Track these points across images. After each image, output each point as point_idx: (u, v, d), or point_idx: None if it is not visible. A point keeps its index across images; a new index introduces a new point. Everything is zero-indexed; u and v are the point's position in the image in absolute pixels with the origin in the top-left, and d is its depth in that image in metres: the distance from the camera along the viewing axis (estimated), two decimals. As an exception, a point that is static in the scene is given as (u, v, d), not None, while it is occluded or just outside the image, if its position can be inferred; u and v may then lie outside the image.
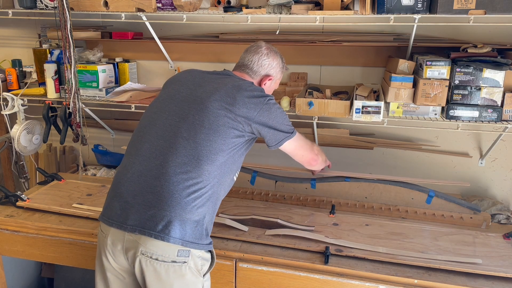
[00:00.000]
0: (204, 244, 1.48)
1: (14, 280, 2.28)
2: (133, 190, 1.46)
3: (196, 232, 1.45)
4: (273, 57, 1.73)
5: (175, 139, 1.48)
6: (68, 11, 2.12)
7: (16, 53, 2.80)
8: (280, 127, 1.59)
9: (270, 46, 1.76)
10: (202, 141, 1.47)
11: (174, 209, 1.41)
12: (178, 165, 1.44)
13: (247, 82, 1.62)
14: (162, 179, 1.43)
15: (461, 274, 1.59)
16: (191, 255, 1.44)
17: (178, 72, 1.73)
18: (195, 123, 1.49)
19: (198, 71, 1.71)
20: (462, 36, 2.15)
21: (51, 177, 2.34)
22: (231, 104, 1.51)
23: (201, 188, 1.45)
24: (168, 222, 1.40)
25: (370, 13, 1.90)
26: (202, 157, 1.46)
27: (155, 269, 1.42)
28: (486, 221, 1.97)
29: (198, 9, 2.14)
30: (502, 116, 1.89)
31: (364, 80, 2.35)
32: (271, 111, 1.57)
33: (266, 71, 1.72)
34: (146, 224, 1.41)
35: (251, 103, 1.53)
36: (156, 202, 1.42)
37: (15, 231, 1.95)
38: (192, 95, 1.56)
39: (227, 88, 1.56)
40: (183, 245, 1.42)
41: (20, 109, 2.43)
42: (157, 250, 1.41)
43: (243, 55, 1.74)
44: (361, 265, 1.65)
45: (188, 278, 1.45)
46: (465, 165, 2.34)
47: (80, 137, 2.35)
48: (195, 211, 1.44)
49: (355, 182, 2.11)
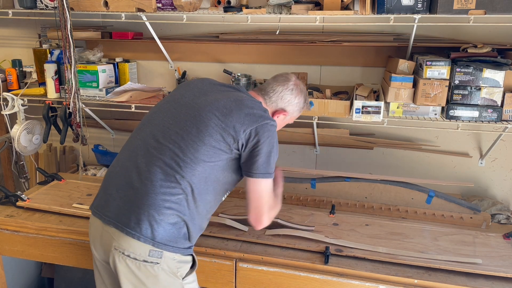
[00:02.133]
0: (180, 248, 1.46)
1: (14, 280, 2.28)
2: (118, 183, 1.50)
3: (170, 234, 1.43)
4: (296, 94, 1.65)
5: (164, 141, 1.48)
6: (68, 11, 2.12)
7: (16, 53, 2.80)
8: (261, 158, 1.47)
9: (300, 82, 1.68)
10: (187, 147, 1.45)
11: (148, 208, 1.41)
12: (160, 167, 1.44)
13: (253, 100, 1.57)
14: (144, 177, 1.45)
15: (461, 274, 1.59)
16: (164, 257, 1.43)
17: (193, 79, 1.71)
18: (185, 128, 1.48)
19: (211, 81, 1.68)
20: (462, 36, 2.15)
21: (51, 177, 2.34)
22: (225, 115, 1.47)
23: (178, 194, 1.43)
24: (141, 220, 1.41)
25: (370, 13, 1.90)
26: (183, 163, 1.44)
27: (128, 266, 1.43)
28: (486, 221, 1.97)
29: (198, 9, 2.14)
30: (502, 116, 1.89)
31: (364, 80, 2.35)
32: (264, 135, 1.48)
33: (284, 105, 1.65)
34: (121, 218, 1.44)
35: (246, 119, 1.47)
36: (134, 198, 1.44)
37: (15, 231, 1.95)
38: (193, 102, 1.55)
39: (228, 100, 1.52)
40: (154, 245, 1.41)
41: (20, 109, 2.43)
42: (129, 247, 1.42)
43: (269, 81, 1.68)
44: (361, 265, 1.65)
45: (162, 278, 1.45)
46: (465, 165, 2.34)
47: (80, 137, 2.35)
48: (169, 214, 1.42)
49: (355, 182, 2.11)
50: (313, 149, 2.51)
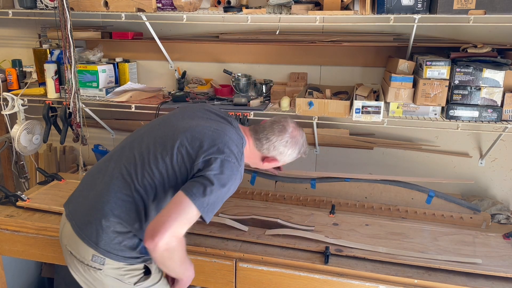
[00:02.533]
0: (126, 257, 1.44)
1: (14, 280, 2.28)
2: (88, 182, 1.54)
3: (115, 243, 1.42)
4: (290, 147, 1.60)
5: (135, 151, 1.50)
6: (68, 11, 2.13)
7: (16, 53, 2.80)
8: (208, 187, 1.35)
9: (296, 133, 1.61)
10: (149, 162, 1.45)
11: (98, 212, 1.43)
12: (122, 174, 1.46)
13: (233, 136, 1.50)
14: (105, 181, 1.47)
15: (461, 274, 1.59)
16: (107, 264, 1.43)
17: (196, 103, 1.71)
18: (155, 144, 1.48)
19: (209, 108, 1.66)
20: (462, 36, 2.15)
21: (51, 177, 2.34)
22: (194, 141, 1.45)
23: (130, 204, 1.43)
24: (90, 223, 1.43)
25: (370, 13, 1.90)
26: (141, 176, 1.44)
27: (76, 266, 1.48)
28: (486, 221, 1.97)
29: (198, 9, 2.14)
30: (502, 116, 1.89)
31: (364, 80, 2.35)
32: (223, 170, 1.39)
33: (275, 155, 1.62)
34: (77, 216, 1.48)
35: (213, 149, 1.42)
36: (91, 199, 1.47)
37: (15, 231, 1.95)
38: (176, 122, 1.55)
39: (208, 128, 1.49)
40: (97, 250, 1.42)
41: (20, 109, 2.43)
42: (76, 248, 1.45)
43: (265, 126, 1.62)
44: (361, 265, 1.65)
45: (109, 283, 1.45)
46: (465, 165, 2.34)
47: (80, 137, 2.35)
48: (116, 223, 1.41)
49: (355, 182, 2.11)
50: (313, 149, 2.51)
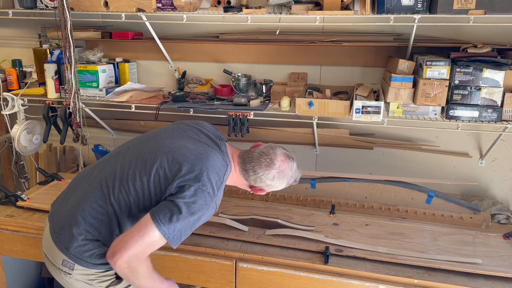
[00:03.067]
0: (95, 264, 1.44)
1: (14, 280, 2.28)
2: (73, 186, 1.56)
3: (84, 250, 1.42)
4: (278, 179, 1.56)
5: (119, 163, 1.50)
6: (68, 11, 2.12)
7: (16, 53, 2.79)
8: (176, 214, 1.33)
9: (284, 167, 1.56)
10: (128, 177, 1.45)
11: (72, 218, 1.44)
12: (101, 184, 1.47)
13: (216, 165, 1.47)
14: (85, 188, 1.48)
15: (461, 274, 1.59)
16: (76, 269, 1.43)
17: (192, 121, 1.69)
18: (137, 160, 1.48)
19: (202, 128, 1.63)
20: (462, 36, 2.15)
21: (51, 177, 2.34)
22: (173, 164, 1.43)
23: (103, 216, 1.44)
24: (63, 228, 1.45)
25: (370, 13, 1.90)
26: (118, 190, 1.44)
27: (50, 267, 1.50)
28: (486, 221, 1.97)
29: (198, 9, 2.14)
30: (502, 116, 1.88)
31: (364, 80, 2.35)
32: (196, 198, 1.37)
33: (262, 186, 1.59)
34: (55, 217, 1.50)
35: (190, 175, 1.40)
36: (70, 204, 1.49)
37: (15, 231, 1.95)
38: (163, 139, 1.54)
39: (191, 151, 1.47)
40: (67, 255, 1.43)
41: (20, 109, 2.43)
42: (50, 250, 1.47)
43: (253, 157, 1.56)
44: (361, 265, 1.65)
45: (79, 286, 1.47)
46: (465, 165, 2.33)
47: (80, 137, 2.35)
48: (87, 232, 1.42)
49: (355, 182, 2.11)
50: (313, 149, 2.51)
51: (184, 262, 1.76)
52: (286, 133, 2.47)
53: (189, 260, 1.75)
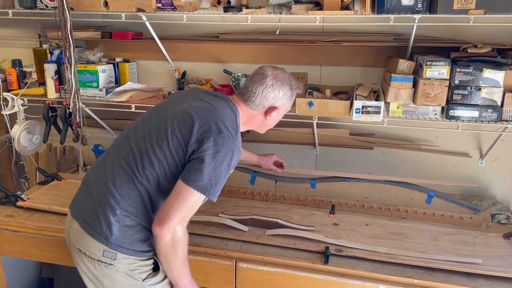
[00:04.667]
0: (137, 251, 1.45)
1: (14, 280, 2.28)
2: (89, 180, 1.54)
3: (125, 236, 1.43)
4: (279, 87, 1.57)
5: (132, 144, 1.51)
6: (68, 11, 2.12)
7: (16, 53, 2.79)
8: (205, 169, 1.37)
9: (277, 73, 1.59)
10: (147, 151, 1.46)
11: (105, 208, 1.44)
12: (123, 168, 1.47)
13: (225, 112, 1.50)
14: (107, 177, 1.48)
15: (461, 274, 1.59)
16: (118, 259, 1.43)
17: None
18: (150, 133, 1.49)
19: (197, 90, 1.66)
20: (462, 36, 2.15)
21: (51, 177, 2.34)
22: (186, 121, 1.46)
23: (135, 197, 1.44)
24: (98, 219, 1.44)
25: (370, 13, 1.90)
26: (142, 167, 1.45)
27: (85, 264, 1.47)
28: (486, 221, 1.97)
29: (198, 9, 2.14)
30: (502, 116, 1.89)
31: (364, 80, 2.35)
32: (216, 148, 1.40)
33: (271, 104, 1.59)
34: (83, 214, 1.48)
35: (204, 128, 1.43)
36: (96, 196, 1.47)
37: (15, 231, 1.95)
38: (166, 109, 1.56)
39: (197, 107, 1.49)
40: (107, 246, 1.42)
41: (20, 109, 2.43)
42: (85, 245, 1.45)
43: (247, 83, 1.61)
44: (361, 265, 1.65)
45: (119, 280, 1.46)
46: (465, 165, 2.33)
47: (80, 137, 2.35)
48: (124, 216, 1.43)
49: (355, 182, 2.11)
50: (313, 149, 2.51)
51: (184, 262, 1.76)
52: (286, 133, 2.47)
53: (189, 260, 1.73)
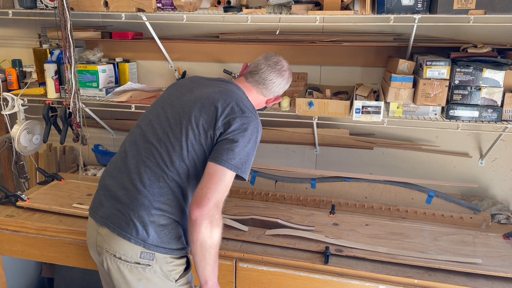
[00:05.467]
0: (173, 249, 1.44)
1: (14, 280, 2.28)
2: (111, 184, 1.50)
3: (162, 235, 1.42)
4: (288, 80, 1.71)
5: (152, 141, 1.48)
6: (68, 11, 2.12)
7: (16, 53, 2.79)
8: (237, 148, 1.40)
9: (288, 66, 1.71)
10: (173, 146, 1.44)
11: (138, 209, 1.41)
12: (149, 167, 1.44)
13: (240, 93, 1.56)
14: (133, 179, 1.45)
15: (461, 274, 1.59)
16: (156, 259, 1.42)
17: (183, 79, 1.72)
18: (171, 126, 1.48)
19: (200, 77, 1.68)
20: (462, 36, 2.15)
21: (51, 177, 2.34)
22: (207, 107, 1.47)
23: (167, 194, 1.43)
24: (132, 222, 1.41)
25: (370, 13, 1.90)
26: (170, 162, 1.43)
27: (119, 269, 1.43)
28: (486, 221, 1.97)
29: (198, 9, 2.14)
30: (502, 116, 1.89)
31: (364, 80, 2.35)
32: (243, 127, 1.43)
33: (278, 92, 1.71)
34: (113, 219, 1.44)
35: (227, 109, 1.45)
36: (125, 199, 1.44)
37: (15, 231, 1.95)
38: (179, 99, 1.55)
39: (213, 92, 1.52)
40: (145, 247, 1.41)
41: (20, 109, 2.43)
42: (120, 249, 1.42)
43: (262, 68, 1.66)
44: (361, 265, 1.65)
45: (155, 281, 1.44)
46: (465, 165, 2.33)
47: (80, 137, 2.35)
48: (159, 215, 1.42)
49: (355, 182, 2.11)
50: (313, 149, 2.51)
51: (184, 262, 1.76)
52: (286, 133, 2.47)
53: (189, 260, 1.75)
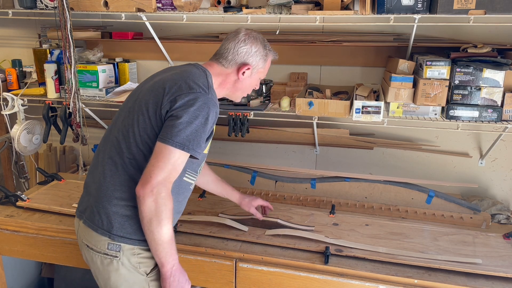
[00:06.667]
0: (139, 240, 1.43)
1: (14, 280, 2.28)
2: (88, 181, 1.55)
3: (126, 226, 1.42)
4: (251, 43, 1.55)
5: (114, 132, 1.49)
6: (68, 11, 2.13)
7: (16, 53, 2.79)
8: (181, 125, 1.34)
9: (251, 32, 1.58)
10: (128, 133, 1.43)
11: (101, 200, 1.44)
12: (110, 157, 1.45)
13: (196, 72, 1.48)
14: (99, 170, 1.48)
15: (461, 274, 1.59)
16: (123, 250, 1.43)
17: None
18: (128, 115, 1.46)
19: (171, 67, 1.66)
20: (462, 36, 2.15)
21: (51, 177, 2.34)
22: (158, 90, 1.42)
23: (127, 182, 1.41)
24: (98, 213, 1.45)
25: (370, 13, 1.90)
26: (127, 149, 1.42)
27: (92, 259, 1.47)
28: (486, 221, 1.97)
29: (198, 9, 2.14)
30: (502, 116, 1.88)
31: (364, 80, 2.35)
32: (188, 102, 1.36)
33: (243, 59, 1.55)
34: (86, 211, 1.49)
35: (175, 88, 1.40)
36: (93, 191, 1.48)
37: (15, 231, 1.95)
38: (140, 88, 1.54)
39: (169, 75, 1.47)
40: (110, 238, 1.42)
41: (20, 109, 2.43)
42: (91, 239, 1.46)
43: (222, 43, 1.60)
44: (361, 265, 1.65)
45: (124, 273, 1.44)
46: (465, 165, 2.33)
47: (80, 137, 2.35)
48: (122, 206, 1.42)
49: (355, 182, 2.11)
50: (313, 149, 2.51)
51: (184, 262, 1.76)
52: (286, 133, 2.47)
53: (189, 260, 1.75)
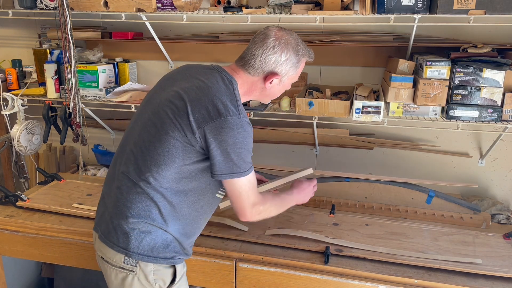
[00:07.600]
0: (158, 258, 1.39)
1: (14, 280, 2.28)
2: (105, 191, 1.51)
3: (144, 243, 1.37)
4: (282, 50, 1.40)
5: (131, 145, 1.41)
6: (68, 11, 2.13)
7: (16, 53, 2.79)
8: (219, 157, 1.31)
9: (282, 34, 1.42)
10: (148, 149, 1.35)
11: (117, 217, 1.39)
12: (128, 173, 1.38)
13: (221, 87, 1.37)
14: (115, 185, 1.42)
15: (461, 274, 1.59)
16: (140, 266, 1.38)
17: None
18: (146, 128, 1.39)
19: (191, 66, 1.53)
20: (462, 36, 2.15)
21: (51, 177, 2.34)
22: (180, 109, 1.33)
23: (145, 201, 1.36)
24: (113, 229, 1.39)
25: (370, 13, 1.90)
26: (145, 167, 1.35)
27: (107, 272, 1.44)
28: (486, 221, 1.97)
29: (198, 9, 2.14)
30: (502, 116, 1.89)
31: (364, 80, 2.35)
32: (218, 133, 1.29)
33: (271, 68, 1.41)
34: (101, 226, 1.46)
35: (201, 113, 1.31)
36: (109, 206, 1.44)
37: (15, 231, 1.95)
38: (156, 96, 1.45)
39: (190, 89, 1.36)
40: (127, 255, 1.37)
41: (20, 109, 2.43)
42: (107, 253, 1.42)
43: (249, 45, 1.46)
44: (361, 265, 1.65)
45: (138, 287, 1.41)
46: (465, 165, 2.33)
47: (80, 137, 2.35)
48: (139, 223, 1.36)
49: (355, 182, 2.11)
50: (313, 149, 2.51)
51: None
52: (286, 133, 2.47)
53: (189, 260, 1.74)
